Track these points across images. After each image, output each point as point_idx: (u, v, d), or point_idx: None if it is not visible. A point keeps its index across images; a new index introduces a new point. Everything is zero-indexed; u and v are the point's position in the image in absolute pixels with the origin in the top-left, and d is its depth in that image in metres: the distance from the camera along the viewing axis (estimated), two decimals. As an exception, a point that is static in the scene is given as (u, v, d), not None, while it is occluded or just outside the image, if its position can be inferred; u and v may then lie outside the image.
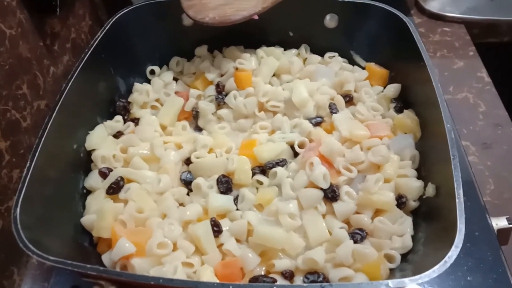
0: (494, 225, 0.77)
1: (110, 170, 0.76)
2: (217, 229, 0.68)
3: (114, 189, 0.73)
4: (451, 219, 0.58)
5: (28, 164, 0.65)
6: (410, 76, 0.82)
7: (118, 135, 0.83)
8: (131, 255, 0.65)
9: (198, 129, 0.87)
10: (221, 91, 0.88)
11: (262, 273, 0.66)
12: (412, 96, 0.82)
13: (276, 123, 0.82)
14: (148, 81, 0.93)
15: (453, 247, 0.54)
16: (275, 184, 0.73)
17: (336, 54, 0.93)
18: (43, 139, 0.68)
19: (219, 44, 0.95)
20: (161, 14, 0.91)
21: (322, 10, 0.91)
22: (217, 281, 0.63)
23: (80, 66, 0.78)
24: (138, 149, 0.78)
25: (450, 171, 0.62)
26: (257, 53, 0.91)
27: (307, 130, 0.79)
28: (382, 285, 0.52)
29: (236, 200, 0.73)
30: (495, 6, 1.23)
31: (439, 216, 0.65)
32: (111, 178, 0.74)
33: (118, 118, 0.85)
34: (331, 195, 0.70)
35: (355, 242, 0.66)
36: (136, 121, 0.85)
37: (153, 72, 0.94)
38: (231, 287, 0.53)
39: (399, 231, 0.68)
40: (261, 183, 0.73)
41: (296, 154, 0.77)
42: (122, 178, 0.73)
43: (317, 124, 0.81)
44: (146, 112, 0.87)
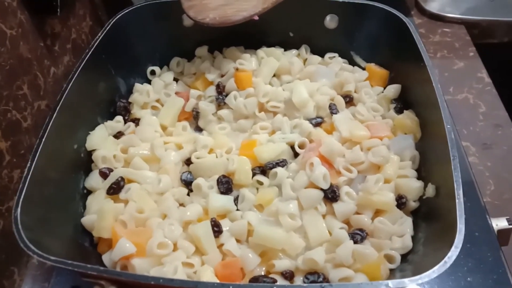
0: (494, 225, 0.77)
1: (111, 170, 0.76)
2: (217, 229, 0.68)
3: (115, 189, 0.73)
4: (451, 220, 0.58)
5: (28, 164, 0.65)
6: (410, 77, 0.83)
7: (118, 135, 0.83)
8: (132, 255, 0.65)
9: (199, 129, 0.87)
10: (221, 91, 0.88)
11: (262, 273, 0.66)
12: (412, 96, 0.82)
13: (276, 123, 0.82)
14: (149, 82, 0.93)
15: (453, 248, 0.54)
16: (275, 184, 0.73)
17: (336, 54, 0.93)
18: (43, 139, 0.68)
19: (220, 44, 0.95)
20: (161, 15, 0.91)
21: (322, 10, 0.91)
22: (217, 281, 0.63)
23: (81, 66, 0.78)
24: (139, 149, 0.78)
25: (450, 171, 0.62)
26: (257, 53, 0.91)
27: (307, 131, 0.79)
28: (382, 285, 0.52)
29: (236, 200, 0.73)
30: (495, 7, 1.23)
31: (439, 216, 0.65)
32: (112, 178, 0.74)
33: (119, 118, 0.85)
34: (331, 195, 0.70)
35: (355, 242, 0.66)
36: (136, 121, 0.85)
37: (153, 73, 0.94)
38: (231, 287, 0.53)
39: (399, 231, 0.68)
40: (261, 183, 0.74)
41: (296, 155, 0.77)
42: (122, 179, 0.73)
43: (317, 124, 0.81)
44: (147, 112, 0.87)
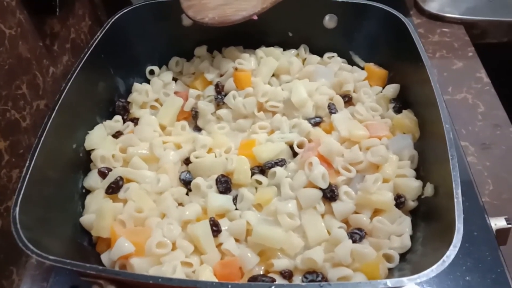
0: (492, 225, 0.77)
1: (110, 169, 0.76)
2: (216, 229, 0.68)
3: (113, 189, 0.73)
4: (449, 219, 0.58)
5: (27, 164, 0.65)
6: (409, 77, 0.82)
7: (117, 135, 0.83)
8: (130, 255, 0.65)
9: (198, 129, 0.87)
10: (220, 91, 0.88)
11: (261, 273, 0.66)
12: (411, 96, 0.82)
13: (275, 123, 0.82)
14: (148, 81, 0.93)
15: (451, 247, 0.54)
16: (274, 184, 0.73)
17: (335, 54, 0.93)
18: (42, 138, 0.68)
19: (219, 44, 0.95)
20: (160, 14, 0.91)
21: (321, 10, 0.91)
22: (216, 281, 0.63)
23: (80, 66, 0.78)
24: (138, 149, 0.78)
25: (448, 171, 0.62)
26: (256, 53, 0.91)
27: (306, 130, 0.79)
28: (381, 284, 0.52)
29: (235, 200, 0.73)
30: (494, 7, 1.23)
31: (437, 216, 0.65)
32: (110, 177, 0.74)
33: (118, 118, 0.85)
34: (330, 195, 0.70)
35: (354, 241, 0.66)
36: (135, 121, 0.85)
37: (152, 72, 0.94)
38: (229, 286, 0.53)
39: (398, 230, 0.68)
40: (260, 183, 0.74)
41: (295, 154, 0.77)
42: (121, 178, 0.73)
43: (316, 124, 0.81)
44: (146, 112, 0.87)
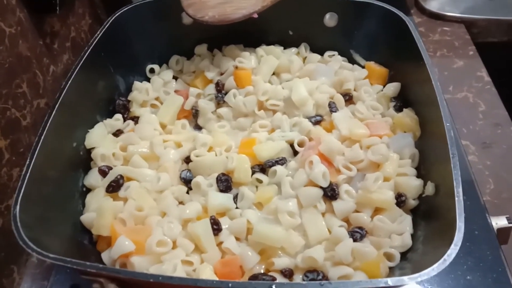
0: (494, 224, 0.77)
1: (110, 168, 0.76)
2: (216, 228, 0.68)
3: (114, 187, 0.73)
4: (450, 218, 0.58)
5: (27, 163, 0.65)
6: (409, 75, 0.82)
7: (117, 133, 0.83)
8: (131, 253, 0.65)
9: (198, 127, 0.87)
10: (220, 89, 0.88)
11: (262, 272, 0.66)
12: (412, 95, 0.82)
13: (276, 121, 0.82)
14: (148, 80, 0.92)
15: (452, 246, 0.54)
16: (275, 182, 0.73)
17: (336, 53, 0.93)
18: (42, 137, 0.68)
19: (219, 42, 0.95)
20: (160, 13, 0.91)
21: (322, 9, 0.91)
22: (217, 279, 0.63)
23: (80, 64, 0.78)
24: (138, 147, 0.78)
25: (449, 169, 0.62)
26: (256, 52, 0.91)
27: (306, 129, 0.79)
28: (381, 283, 0.52)
29: (235, 198, 0.73)
30: (494, 6, 1.23)
31: (438, 214, 0.65)
32: (111, 176, 0.74)
33: (118, 116, 0.85)
34: (330, 193, 0.70)
35: (355, 240, 0.66)
36: (135, 119, 0.85)
37: (152, 71, 0.94)
38: (230, 285, 0.53)
39: (399, 229, 0.68)
40: (260, 181, 0.74)
41: (295, 153, 0.77)
42: (121, 176, 0.73)
43: (317, 122, 0.81)
44: (146, 110, 0.87)
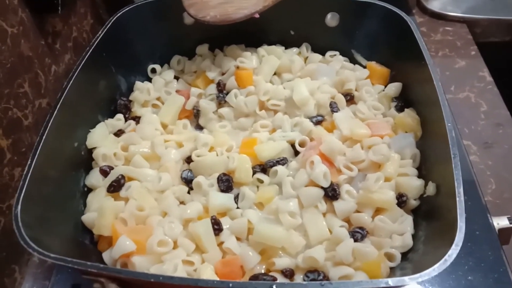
0: (495, 224, 0.77)
1: (111, 168, 0.76)
2: (217, 228, 0.68)
3: (115, 187, 0.73)
4: (451, 218, 0.58)
5: (29, 162, 0.65)
6: (411, 75, 0.82)
7: (119, 133, 0.83)
8: (132, 253, 0.65)
9: (199, 127, 0.87)
10: (222, 89, 0.88)
11: (262, 272, 0.66)
12: (413, 95, 0.82)
13: (277, 121, 0.82)
14: (149, 80, 0.92)
15: (453, 246, 0.54)
16: (276, 182, 0.73)
17: (337, 53, 0.93)
18: (44, 137, 0.68)
19: (220, 42, 0.95)
20: (162, 13, 0.91)
21: (323, 9, 0.91)
22: (217, 279, 0.63)
23: (81, 64, 0.78)
24: (139, 147, 0.78)
25: (450, 170, 0.62)
26: (258, 51, 0.91)
27: (307, 129, 0.79)
28: (382, 283, 0.52)
29: (236, 198, 0.73)
30: (496, 6, 1.23)
31: (439, 214, 0.65)
32: (112, 176, 0.74)
33: (119, 116, 0.85)
34: (331, 193, 0.70)
35: (356, 240, 0.66)
36: (137, 119, 0.85)
37: (154, 71, 0.94)
38: (231, 285, 0.53)
39: (400, 229, 0.68)
40: (261, 181, 0.74)
41: (296, 153, 0.77)
42: (123, 176, 0.73)
43: (318, 123, 0.81)
44: (147, 110, 0.87)
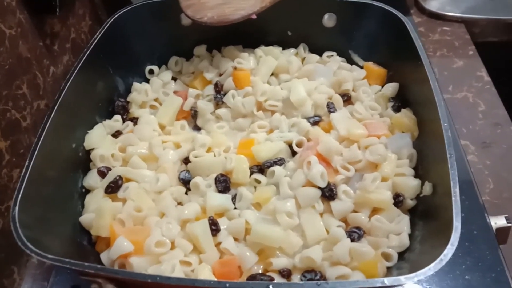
0: (492, 224, 0.77)
1: (109, 169, 0.76)
2: (215, 228, 0.68)
3: (113, 188, 0.73)
4: (447, 217, 0.58)
5: (26, 164, 0.65)
6: (408, 75, 0.82)
7: (117, 134, 0.83)
8: (129, 254, 0.65)
9: (197, 128, 0.87)
10: (219, 90, 0.88)
11: (260, 272, 0.66)
12: (410, 95, 0.82)
13: (274, 122, 0.82)
14: (147, 81, 0.93)
15: (449, 245, 0.54)
16: (273, 183, 0.73)
17: (335, 53, 0.93)
18: (41, 138, 0.68)
19: (218, 43, 0.95)
20: (160, 14, 0.91)
21: (320, 9, 0.91)
22: (214, 279, 0.63)
23: (79, 65, 0.78)
24: (137, 148, 0.79)
25: (446, 169, 0.62)
26: (255, 52, 0.91)
27: (305, 129, 0.79)
28: (378, 282, 0.52)
29: (234, 199, 0.73)
30: (495, 6, 1.23)
31: (436, 214, 0.65)
32: (110, 177, 0.74)
33: (117, 117, 0.85)
34: (328, 193, 0.70)
35: (352, 240, 0.66)
36: (135, 120, 0.86)
37: (152, 72, 0.94)
38: (227, 285, 0.53)
39: (396, 229, 0.68)
40: (259, 182, 0.74)
41: (294, 153, 0.77)
42: (120, 177, 0.74)
43: (315, 123, 0.81)
44: (145, 111, 0.87)
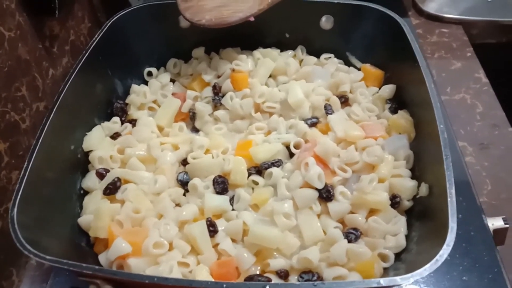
0: (490, 225, 0.77)
1: (107, 171, 0.76)
2: (212, 229, 0.68)
3: (111, 190, 0.73)
4: (443, 218, 0.58)
5: (25, 165, 0.65)
6: (404, 77, 0.83)
7: (115, 136, 0.83)
8: (128, 255, 0.65)
9: (195, 130, 0.87)
10: (217, 92, 0.88)
11: (257, 273, 0.66)
12: (407, 96, 0.82)
13: (272, 124, 0.82)
14: (146, 83, 0.93)
15: (444, 246, 0.55)
16: (271, 184, 0.74)
17: (332, 55, 0.93)
18: (40, 140, 0.68)
19: (216, 45, 0.95)
20: (158, 16, 0.92)
21: (318, 11, 0.91)
22: (211, 280, 0.63)
23: (78, 68, 0.78)
24: (135, 150, 0.79)
25: (442, 171, 0.62)
26: (253, 54, 0.92)
27: (302, 131, 0.79)
28: (374, 283, 0.52)
29: (232, 200, 0.73)
30: (493, 7, 1.23)
31: (432, 215, 0.66)
32: (108, 178, 0.74)
33: (116, 119, 0.85)
34: (326, 195, 0.70)
35: (349, 241, 0.67)
36: (133, 122, 0.86)
37: (150, 74, 0.95)
38: (224, 285, 0.53)
39: (393, 230, 0.68)
40: (256, 183, 0.74)
41: (291, 155, 0.77)
42: (119, 179, 0.74)
43: (313, 124, 0.81)
44: (143, 113, 0.87)
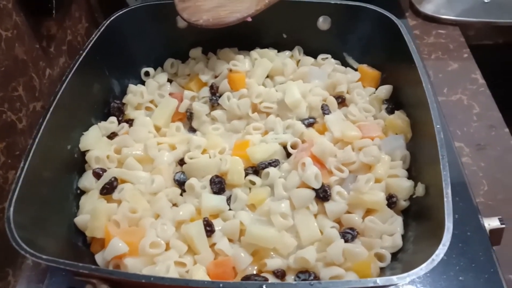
0: (486, 225, 0.78)
1: (104, 170, 0.76)
2: (209, 229, 0.68)
3: (108, 190, 0.73)
4: (439, 218, 0.58)
5: (21, 165, 0.65)
6: (401, 78, 0.83)
7: (112, 136, 0.83)
8: (124, 255, 0.65)
9: (192, 130, 0.87)
10: (215, 92, 0.88)
11: (254, 272, 0.67)
12: (403, 97, 0.82)
13: (269, 124, 0.82)
14: (143, 83, 0.93)
15: (440, 246, 0.55)
16: (268, 184, 0.74)
17: (329, 56, 0.94)
18: (37, 139, 0.68)
19: (213, 46, 0.95)
20: (156, 16, 0.92)
21: (315, 12, 0.92)
22: (208, 279, 0.63)
23: (75, 67, 0.78)
24: (132, 150, 0.79)
25: (439, 171, 0.62)
26: (250, 55, 0.92)
27: (299, 131, 0.79)
28: (370, 282, 0.53)
29: (229, 200, 0.73)
30: (489, 9, 1.23)
31: (428, 215, 0.66)
32: (105, 178, 0.74)
33: (113, 119, 0.85)
34: (322, 195, 0.70)
35: (346, 241, 0.67)
36: (130, 122, 0.86)
37: (147, 74, 0.95)
38: (221, 285, 0.53)
39: (390, 230, 0.68)
40: (253, 183, 0.74)
41: (288, 155, 0.77)
42: (115, 179, 0.74)
43: (310, 125, 0.81)
44: (140, 113, 0.87)
